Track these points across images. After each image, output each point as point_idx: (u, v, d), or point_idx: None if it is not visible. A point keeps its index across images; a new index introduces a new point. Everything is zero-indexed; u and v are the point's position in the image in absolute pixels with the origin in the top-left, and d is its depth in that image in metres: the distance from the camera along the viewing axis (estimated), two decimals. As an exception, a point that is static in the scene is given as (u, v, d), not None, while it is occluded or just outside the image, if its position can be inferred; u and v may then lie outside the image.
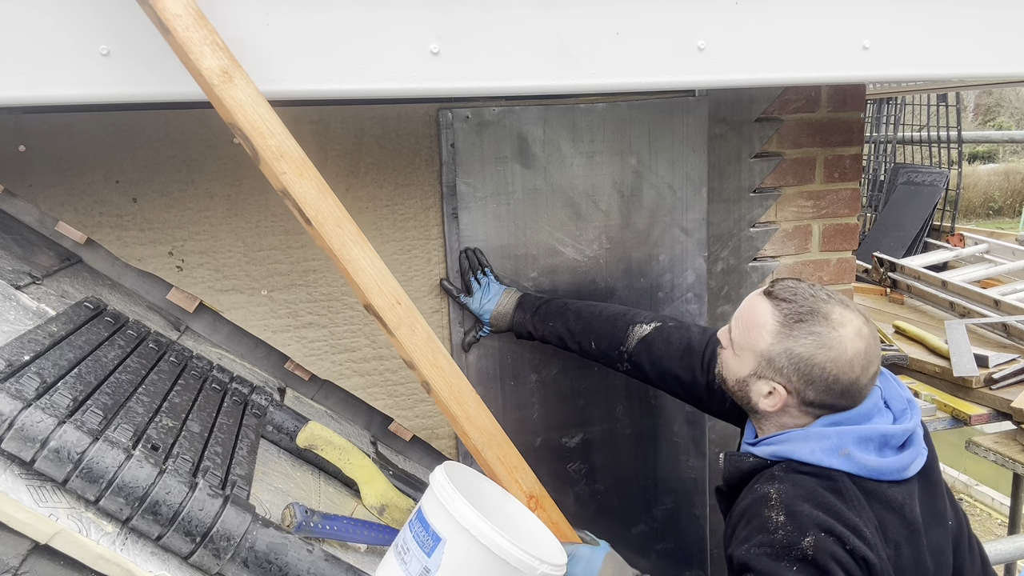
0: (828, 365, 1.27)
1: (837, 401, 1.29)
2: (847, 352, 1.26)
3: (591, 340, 1.77)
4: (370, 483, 1.52)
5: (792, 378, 1.29)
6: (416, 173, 1.85)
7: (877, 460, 1.26)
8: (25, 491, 0.94)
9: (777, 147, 2.22)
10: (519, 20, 1.33)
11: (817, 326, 1.28)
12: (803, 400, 1.31)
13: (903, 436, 1.30)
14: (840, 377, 1.27)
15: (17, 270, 1.42)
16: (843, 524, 1.19)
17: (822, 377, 1.27)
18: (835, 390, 1.28)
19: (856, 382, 1.28)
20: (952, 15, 1.58)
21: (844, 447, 1.26)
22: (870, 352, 1.29)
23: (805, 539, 1.18)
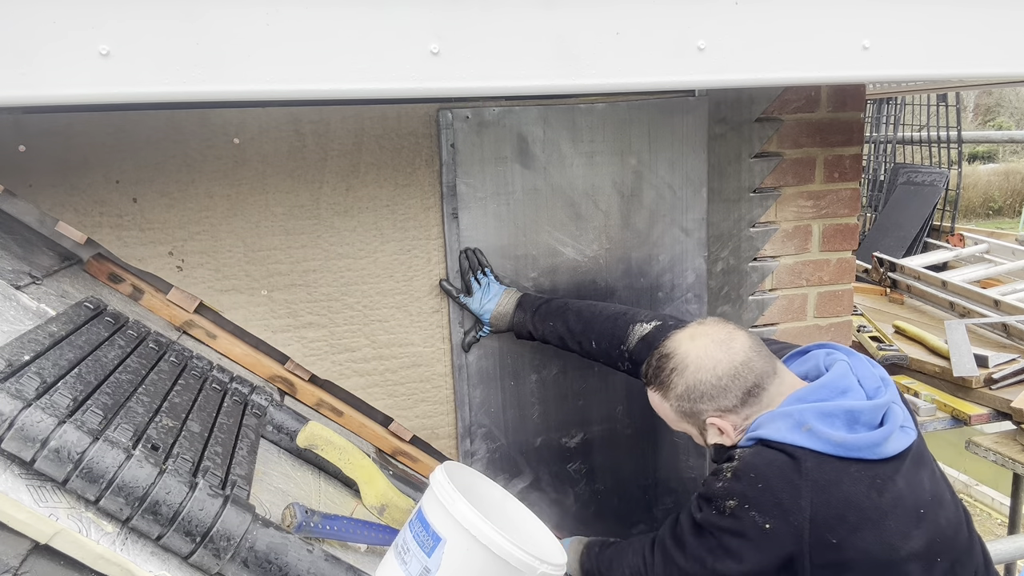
0: (699, 375, 1.38)
1: (746, 383, 1.36)
2: (697, 355, 1.39)
3: (592, 339, 1.77)
4: (370, 483, 1.52)
5: (703, 407, 1.40)
6: (416, 173, 1.85)
7: (845, 435, 1.28)
8: (25, 491, 0.94)
9: (777, 147, 2.22)
10: (519, 20, 1.33)
11: (667, 364, 1.43)
12: (731, 409, 1.38)
13: (875, 412, 1.31)
14: (717, 371, 1.37)
15: (17, 270, 1.42)
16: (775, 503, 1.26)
17: (709, 386, 1.37)
18: (728, 383, 1.36)
19: (732, 361, 1.36)
20: (952, 15, 1.58)
21: (806, 423, 1.29)
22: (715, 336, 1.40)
23: (731, 500, 1.30)
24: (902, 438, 1.32)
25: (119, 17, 1.15)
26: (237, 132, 1.71)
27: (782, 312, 2.32)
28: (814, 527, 1.24)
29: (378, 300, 1.88)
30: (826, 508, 1.25)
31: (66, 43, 1.13)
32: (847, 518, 1.25)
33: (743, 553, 1.30)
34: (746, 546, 1.30)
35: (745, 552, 1.30)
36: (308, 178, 1.77)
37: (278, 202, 1.77)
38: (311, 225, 1.79)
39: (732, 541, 1.31)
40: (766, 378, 1.37)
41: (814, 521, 1.24)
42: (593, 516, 2.11)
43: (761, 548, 1.28)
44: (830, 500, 1.25)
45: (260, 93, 1.24)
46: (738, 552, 1.31)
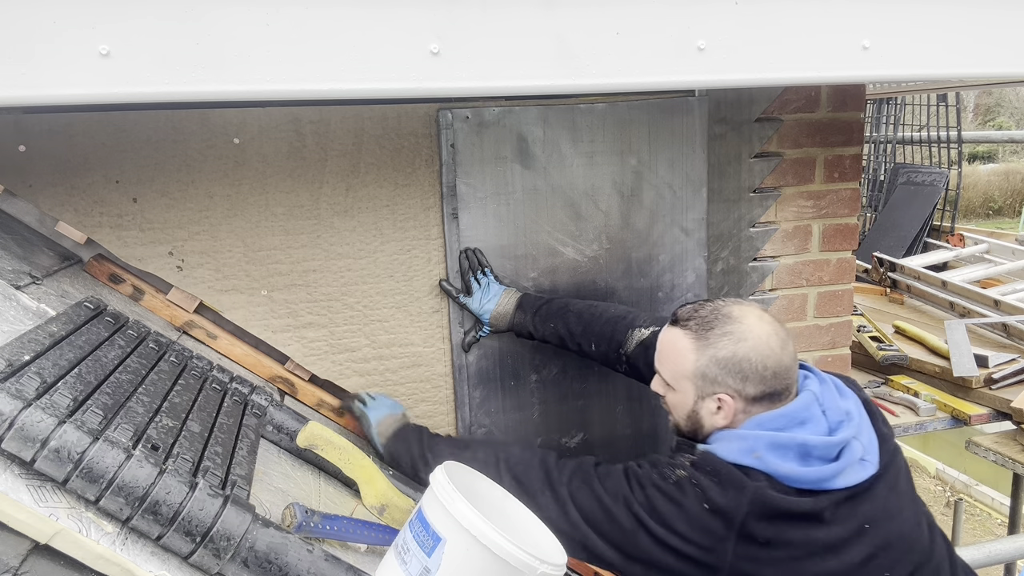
0: (752, 355, 1.34)
1: (773, 385, 1.35)
2: (760, 336, 1.35)
3: (591, 342, 1.77)
4: (370, 483, 1.52)
5: (729, 382, 1.36)
6: (416, 173, 1.85)
7: (796, 468, 1.28)
8: (25, 491, 0.94)
9: (777, 147, 2.22)
10: (519, 20, 1.33)
11: (726, 326, 1.37)
12: (747, 398, 1.36)
13: (829, 448, 1.30)
14: (767, 362, 1.34)
15: (17, 270, 1.42)
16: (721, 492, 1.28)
17: (752, 368, 1.34)
18: (767, 376, 1.34)
19: (781, 361, 1.35)
20: (952, 15, 1.58)
21: (756, 450, 1.30)
22: (779, 332, 1.37)
23: (681, 471, 1.33)
24: (858, 472, 1.31)
25: (119, 17, 1.15)
26: (237, 132, 1.71)
27: (782, 312, 2.32)
28: (746, 522, 1.26)
29: (378, 300, 1.88)
30: (763, 508, 1.26)
31: (66, 43, 1.14)
32: (781, 523, 1.26)
33: (672, 521, 1.30)
34: (678, 516, 1.30)
35: (675, 521, 1.29)
36: (308, 178, 1.77)
37: (278, 202, 1.77)
38: (311, 225, 1.80)
39: (665, 505, 1.31)
40: (787, 392, 1.37)
41: (749, 516, 1.26)
42: (593, 516, 2.11)
43: (691, 525, 1.28)
44: (768, 505, 1.26)
45: (260, 93, 1.24)
46: (665, 516, 1.30)
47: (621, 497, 1.36)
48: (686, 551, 1.29)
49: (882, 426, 1.42)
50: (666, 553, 1.30)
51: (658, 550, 1.31)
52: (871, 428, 1.38)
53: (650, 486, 1.35)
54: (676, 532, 1.29)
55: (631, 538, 1.33)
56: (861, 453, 1.32)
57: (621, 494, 1.36)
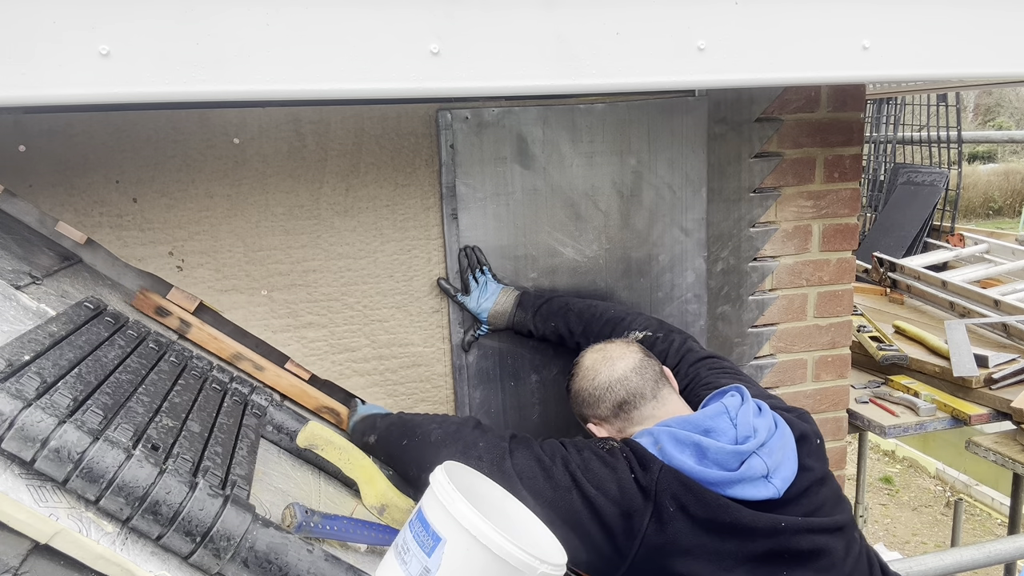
0: (583, 384, 1.59)
1: (618, 396, 1.53)
2: (589, 368, 1.59)
3: (590, 342, 1.78)
4: (370, 483, 1.52)
5: (585, 412, 1.60)
6: (416, 173, 1.85)
7: (692, 464, 1.35)
8: (25, 491, 0.94)
9: (777, 147, 2.22)
10: (519, 20, 1.33)
11: (574, 370, 1.64)
12: (605, 417, 1.56)
13: (725, 455, 1.35)
14: (595, 384, 1.56)
15: (17, 270, 1.42)
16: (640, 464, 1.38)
17: (587, 394, 1.58)
18: (604, 396, 1.55)
19: (610, 377, 1.55)
20: (952, 15, 1.58)
21: (659, 442, 1.41)
22: (607, 355, 1.59)
23: (612, 444, 1.45)
24: (758, 489, 1.34)
25: (119, 17, 1.15)
26: (237, 132, 1.71)
27: (782, 312, 2.32)
28: (659, 491, 1.34)
29: (378, 300, 1.88)
30: (670, 480, 1.35)
31: (66, 43, 1.14)
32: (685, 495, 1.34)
33: (605, 482, 1.37)
34: (611, 478, 1.37)
35: (608, 483, 1.37)
36: (308, 178, 1.77)
37: (278, 202, 1.77)
38: (311, 225, 1.80)
39: (600, 468, 1.40)
40: (639, 398, 1.53)
41: (659, 486, 1.34)
42: (593, 516, 2.11)
43: (622, 489, 1.36)
44: (677, 477, 1.35)
45: (260, 93, 1.24)
46: (600, 477, 1.38)
47: (559, 456, 1.43)
48: (610, 515, 1.35)
49: (809, 460, 1.44)
50: (592, 517, 1.36)
51: (586, 512, 1.36)
52: (792, 458, 1.41)
53: (586, 450, 1.44)
54: (607, 494, 1.36)
55: (563, 496, 1.39)
56: (763, 472, 1.36)
57: (559, 454, 1.44)
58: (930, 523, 5.99)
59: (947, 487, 6.48)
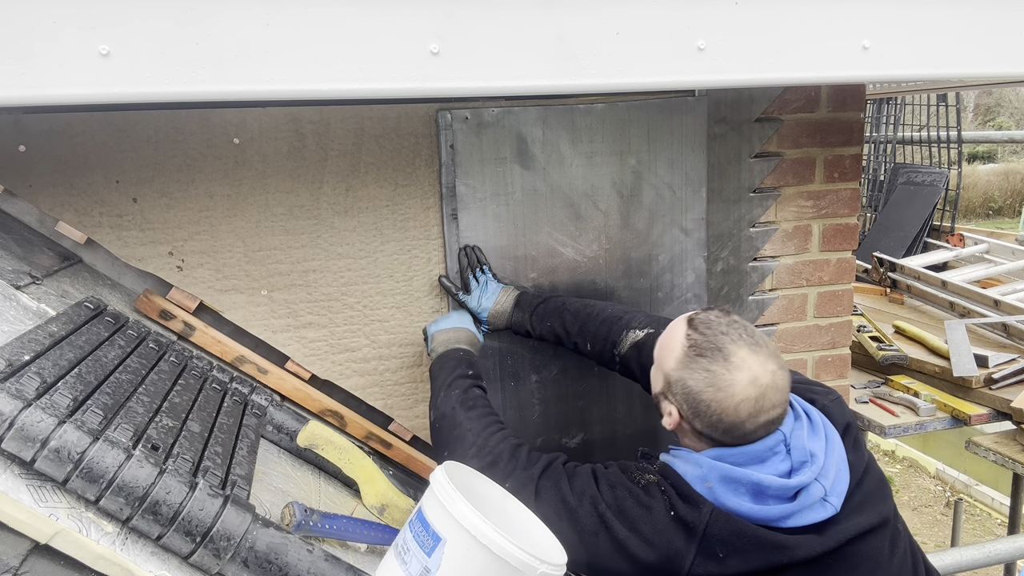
0: (713, 404, 1.30)
1: (722, 437, 1.31)
2: (734, 396, 1.28)
3: (586, 341, 1.78)
4: (370, 483, 1.52)
5: (683, 406, 1.34)
6: (416, 173, 1.85)
7: (749, 505, 1.27)
8: (25, 491, 0.94)
9: (777, 147, 2.22)
10: (519, 20, 1.33)
11: (714, 364, 1.31)
12: (693, 428, 1.35)
13: (786, 490, 1.28)
14: (723, 418, 1.29)
15: (17, 270, 1.42)
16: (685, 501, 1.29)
17: (707, 413, 1.31)
18: (719, 428, 1.31)
19: (740, 425, 1.29)
20: (952, 15, 1.58)
21: (708, 480, 1.30)
22: (763, 400, 1.28)
23: (650, 476, 1.35)
24: (817, 512, 1.29)
25: (119, 17, 1.15)
26: (237, 132, 1.71)
27: (782, 312, 2.32)
28: (707, 535, 1.26)
29: (378, 300, 1.88)
30: (721, 526, 1.26)
31: (66, 43, 1.14)
32: (737, 542, 1.26)
33: (637, 522, 1.29)
34: (643, 520, 1.29)
35: (640, 523, 1.29)
36: (308, 178, 1.77)
37: (278, 202, 1.77)
38: (311, 225, 1.80)
39: (635, 508, 1.31)
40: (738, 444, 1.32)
41: (708, 530, 1.26)
42: (593, 516, 2.11)
43: (656, 531, 1.28)
44: (727, 522, 1.26)
45: (260, 93, 1.24)
46: (635, 519, 1.30)
47: (587, 496, 1.35)
48: (646, 559, 1.28)
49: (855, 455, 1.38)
50: (623, 559, 1.29)
51: (616, 555, 1.30)
52: (844, 468, 1.35)
53: (619, 487, 1.34)
54: (641, 536, 1.29)
55: (590, 540, 1.32)
56: (821, 495, 1.29)
57: (588, 493, 1.35)
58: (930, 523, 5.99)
59: (947, 487, 6.48)
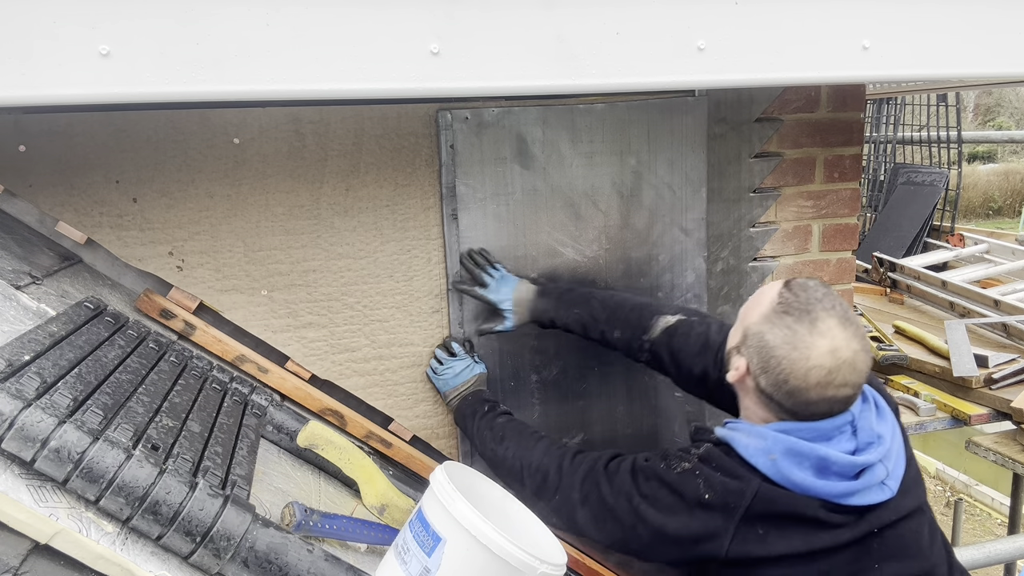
0: (784, 363, 1.27)
1: (782, 400, 1.29)
2: (808, 360, 1.25)
3: (615, 328, 1.77)
4: (370, 483, 1.52)
5: (754, 359, 1.32)
6: (416, 173, 1.85)
7: (811, 480, 1.26)
8: (25, 491, 0.94)
9: (777, 147, 2.22)
10: (519, 20, 1.33)
11: (798, 324, 1.28)
12: (757, 386, 1.33)
13: (852, 467, 1.27)
14: (790, 379, 1.27)
15: (17, 270, 1.42)
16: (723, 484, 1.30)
17: (775, 370, 1.28)
18: (782, 389, 1.28)
19: (804, 392, 1.26)
20: (952, 15, 1.58)
21: (773, 453, 1.28)
22: (836, 374, 1.25)
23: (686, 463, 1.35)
24: (875, 494, 1.29)
25: (119, 17, 1.15)
26: (237, 132, 1.71)
27: (782, 312, 2.31)
28: (748, 514, 1.28)
29: (378, 300, 1.88)
30: (764, 505, 1.27)
31: (66, 43, 1.14)
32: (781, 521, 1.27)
33: (672, 508, 1.33)
34: (679, 506, 1.32)
35: (675, 509, 1.33)
36: (308, 178, 1.77)
37: (278, 202, 1.77)
38: (311, 225, 1.80)
39: (668, 496, 1.34)
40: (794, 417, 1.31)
41: (750, 510, 1.28)
42: (593, 516, 2.11)
43: (692, 513, 1.31)
44: (772, 500, 1.28)
45: (260, 93, 1.24)
46: (668, 507, 1.34)
47: (623, 494, 1.39)
48: (687, 541, 1.32)
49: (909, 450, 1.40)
50: (667, 545, 1.34)
51: (659, 543, 1.35)
52: (902, 453, 1.36)
53: (654, 478, 1.37)
54: (678, 520, 1.32)
55: (631, 534, 1.37)
56: (883, 477, 1.29)
57: (624, 491, 1.39)
58: (930, 523, 5.97)
59: (947, 487, 6.48)
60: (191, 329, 1.69)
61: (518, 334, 1.97)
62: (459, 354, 1.89)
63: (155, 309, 1.68)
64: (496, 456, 1.66)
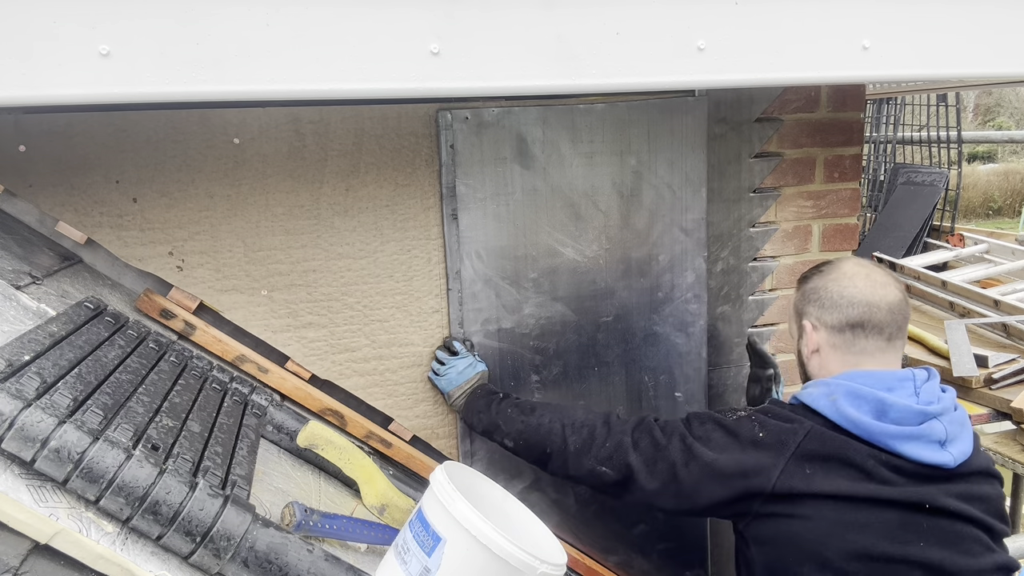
0: (831, 285, 1.46)
1: (854, 316, 1.42)
2: (846, 273, 1.46)
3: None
4: (370, 483, 1.52)
5: (810, 310, 1.49)
6: (416, 173, 1.85)
7: (867, 420, 1.33)
8: (25, 491, 0.94)
9: (777, 147, 2.22)
10: (519, 20, 1.33)
11: (825, 268, 1.52)
12: (828, 326, 1.46)
13: (909, 412, 1.33)
14: (844, 291, 1.44)
15: (17, 270, 1.42)
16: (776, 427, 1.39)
17: (829, 296, 1.46)
18: (843, 304, 1.44)
19: (863, 293, 1.42)
20: (952, 15, 1.58)
21: (833, 395, 1.38)
22: (872, 275, 1.44)
23: (741, 412, 1.47)
24: (934, 453, 1.31)
25: (119, 17, 1.15)
26: (237, 132, 1.71)
27: (782, 312, 2.32)
28: (798, 452, 1.34)
29: (378, 300, 1.88)
30: (815, 445, 1.34)
31: (66, 43, 1.14)
32: (828, 462, 1.32)
33: (725, 446, 1.40)
34: (731, 443, 1.40)
35: (728, 447, 1.39)
36: (308, 178, 1.77)
37: (278, 202, 1.77)
38: (311, 225, 1.80)
39: (722, 437, 1.42)
40: (876, 332, 1.42)
41: (800, 447, 1.34)
42: (593, 516, 2.11)
43: (744, 450, 1.37)
44: (823, 439, 1.35)
45: (260, 93, 1.24)
46: (721, 446, 1.40)
47: (677, 434, 1.46)
48: (735, 476, 1.36)
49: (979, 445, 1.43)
50: (715, 481, 1.38)
51: (709, 479, 1.39)
52: (970, 438, 1.39)
53: (709, 421, 1.46)
54: (730, 456, 1.38)
55: (683, 471, 1.42)
56: (942, 437, 1.33)
57: (677, 432, 1.47)
58: (930, 523, 5.97)
59: (947, 487, 6.46)
60: (191, 329, 1.70)
61: (518, 334, 1.97)
62: (461, 352, 1.89)
63: (155, 309, 1.68)
64: (528, 426, 1.65)
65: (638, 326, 2.06)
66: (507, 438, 1.69)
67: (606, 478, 1.52)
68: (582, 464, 1.54)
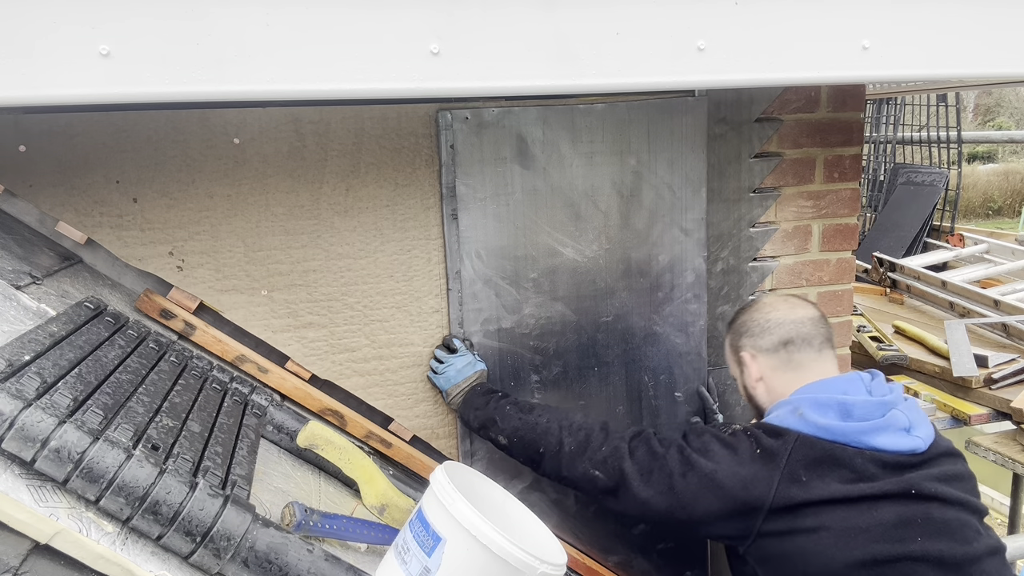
0: (756, 315, 1.62)
1: (784, 335, 1.55)
2: (767, 302, 1.64)
3: None
4: (370, 483, 1.52)
5: (744, 342, 1.62)
6: (416, 173, 1.85)
7: (836, 423, 1.40)
8: (25, 491, 0.94)
9: (777, 147, 2.22)
10: (519, 20, 1.33)
11: (747, 306, 1.68)
12: (764, 350, 1.58)
13: (870, 407, 1.41)
14: (770, 316, 1.58)
15: (17, 270, 1.42)
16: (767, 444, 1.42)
17: (759, 324, 1.59)
18: (771, 326, 1.57)
19: (787, 315, 1.57)
20: (952, 15, 1.58)
21: (799, 409, 1.44)
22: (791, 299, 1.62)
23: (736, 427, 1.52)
24: (903, 440, 1.39)
25: (119, 17, 1.15)
26: (237, 132, 1.71)
27: (782, 312, 2.31)
28: (791, 462, 1.38)
29: (378, 300, 1.88)
30: (804, 451, 1.38)
31: (66, 43, 1.14)
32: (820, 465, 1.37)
33: (723, 458, 1.42)
34: (729, 456, 1.43)
35: (726, 459, 1.42)
36: (308, 178, 1.78)
37: (278, 202, 1.77)
38: (311, 225, 1.80)
39: (720, 449, 1.45)
40: (805, 345, 1.54)
41: (791, 457, 1.38)
42: (593, 516, 2.11)
43: (742, 463, 1.40)
44: (811, 446, 1.39)
45: (261, 93, 1.24)
46: (720, 457, 1.43)
47: (674, 445, 1.49)
48: (732, 488, 1.38)
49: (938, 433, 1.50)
50: (712, 493, 1.41)
51: (706, 491, 1.41)
52: (926, 419, 1.47)
53: (706, 434, 1.49)
54: (727, 467, 1.40)
55: (680, 482, 1.44)
56: (905, 424, 1.41)
57: (675, 443, 1.49)
58: (930, 523, 5.97)
59: (947, 487, 6.47)
60: (191, 329, 1.70)
61: (518, 334, 1.97)
62: (460, 350, 1.89)
63: (155, 309, 1.68)
64: (525, 424, 1.66)
65: (638, 326, 2.06)
66: (502, 435, 1.70)
67: (598, 483, 1.53)
68: (575, 466, 1.55)
